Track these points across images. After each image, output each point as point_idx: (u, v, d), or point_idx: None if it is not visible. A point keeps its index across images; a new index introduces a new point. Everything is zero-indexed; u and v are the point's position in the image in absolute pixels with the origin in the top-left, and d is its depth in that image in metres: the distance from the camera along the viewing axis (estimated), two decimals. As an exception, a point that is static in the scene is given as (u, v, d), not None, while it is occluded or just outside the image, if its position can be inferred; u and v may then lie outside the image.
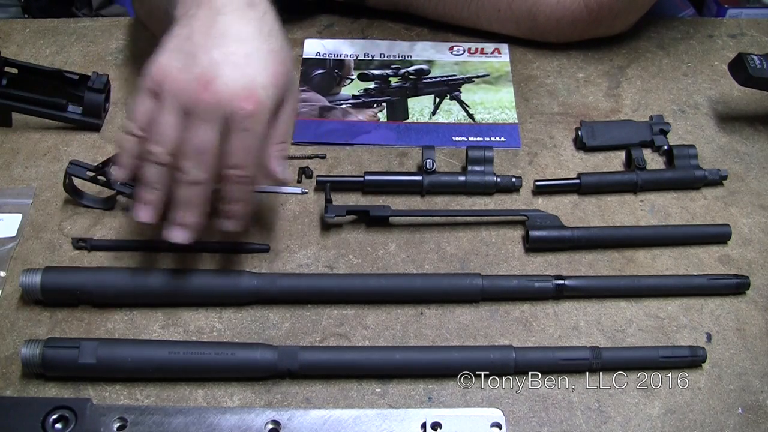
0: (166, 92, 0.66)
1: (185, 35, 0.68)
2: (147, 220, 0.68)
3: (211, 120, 0.66)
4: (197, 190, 0.67)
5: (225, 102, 0.65)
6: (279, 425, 0.66)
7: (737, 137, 0.92)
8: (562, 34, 0.99)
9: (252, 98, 0.66)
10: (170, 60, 0.67)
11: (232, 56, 0.67)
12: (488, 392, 0.70)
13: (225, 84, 0.65)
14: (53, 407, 0.65)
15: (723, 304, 0.77)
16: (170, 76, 0.66)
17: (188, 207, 0.68)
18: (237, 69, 0.66)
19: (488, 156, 0.85)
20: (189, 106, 0.66)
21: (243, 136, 0.66)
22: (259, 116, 0.67)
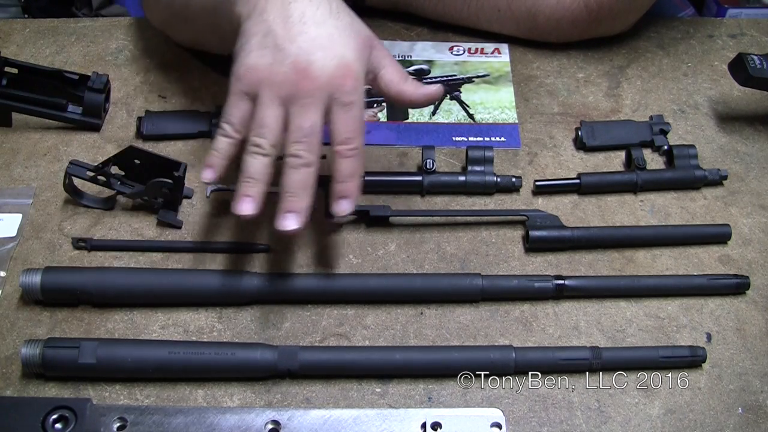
0: (264, 89, 0.68)
1: (263, 31, 0.69)
2: (251, 212, 0.68)
3: (315, 104, 0.68)
4: (310, 172, 0.69)
5: (325, 84, 0.68)
6: (279, 425, 0.66)
7: (737, 137, 0.92)
8: (562, 34, 0.99)
9: (349, 74, 0.69)
10: (259, 59, 0.69)
11: (317, 39, 0.69)
12: (488, 392, 0.70)
13: (321, 68, 0.68)
14: (53, 407, 0.65)
15: (723, 304, 0.77)
16: (264, 73, 0.68)
17: (302, 191, 0.69)
18: (326, 50, 0.69)
19: (488, 156, 0.85)
20: (290, 95, 0.68)
21: (347, 110, 0.69)
22: (358, 89, 0.70)
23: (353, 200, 0.70)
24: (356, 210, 0.80)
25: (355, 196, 0.70)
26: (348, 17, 0.73)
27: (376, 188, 0.84)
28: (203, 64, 0.95)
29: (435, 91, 0.78)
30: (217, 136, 0.71)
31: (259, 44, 0.69)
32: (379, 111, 0.93)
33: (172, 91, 0.93)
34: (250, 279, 0.75)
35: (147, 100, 0.92)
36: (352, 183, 0.70)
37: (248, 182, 0.69)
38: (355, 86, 0.70)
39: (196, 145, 0.88)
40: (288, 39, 0.69)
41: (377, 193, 0.84)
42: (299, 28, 0.69)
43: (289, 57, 0.68)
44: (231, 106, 0.70)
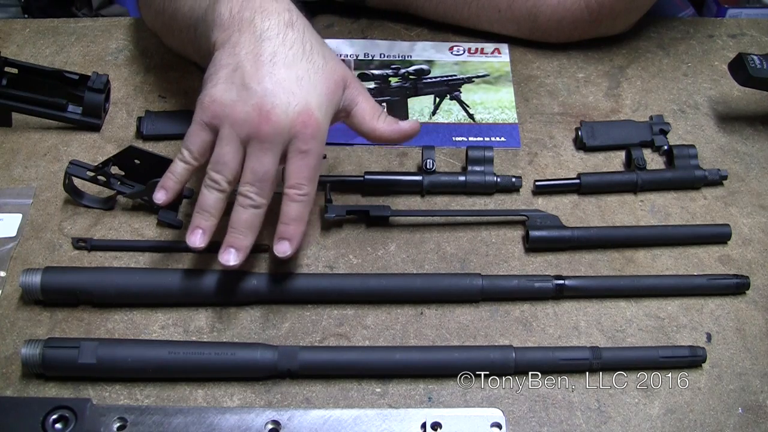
0: (225, 125, 0.69)
1: (233, 65, 0.70)
2: (201, 245, 0.70)
3: (272, 148, 0.69)
4: (257, 213, 0.70)
5: (285, 129, 0.69)
6: (279, 425, 0.66)
7: (737, 137, 0.92)
8: (563, 35, 0.99)
9: (310, 122, 0.69)
10: (224, 93, 0.69)
11: (284, 83, 0.69)
12: (488, 392, 0.70)
13: (283, 112, 0.68)
14: (53, 407, 0.65)
15: (723, 304, 0.77)
16: (227, 108, 0.69)
17: (246, 230, 0.70)
18: (291, 95, 0.69)
19: (488, 156, 0.85)
20: (250, 136, 0.69)
21: (303, 157, 0.70)
22: (317, 137, 0.70)
23: (295, 243, 0.71)
24: (356, 210, 0.81)
25: (297, 239, 0.71)
26: (321, 59, 0.72)
27: (376, 188, 0.84)
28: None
29: (409, 128, 0.78)
30: (176, 160, 0.72)
31: (226, 77, 0.70)
32: (379, 111, 0.93)
33: (172, 91, 0.94)
34: (250, 279, 0.75)
35: (147, 100, 0.92)
36: (295, 226, 0.71)
37: (202, 215, 0.71)
38: (314, 134, 0.69)
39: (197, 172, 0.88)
40: (255, 78, 0.69)
41: (377, 194, 0.84)
42: (268, 69, 0.69)
43: (254, 97, 0.68)
44: (192, 134, 0.71)
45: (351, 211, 0.81)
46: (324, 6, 1.04)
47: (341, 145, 0.89)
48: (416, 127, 0.78)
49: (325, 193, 0.81)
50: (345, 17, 1.04)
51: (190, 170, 0.72)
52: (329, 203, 0.80)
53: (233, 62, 0.70)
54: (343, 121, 0.77)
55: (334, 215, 0.79)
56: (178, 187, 0.72)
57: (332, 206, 0.80)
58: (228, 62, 0.70)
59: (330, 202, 0.80)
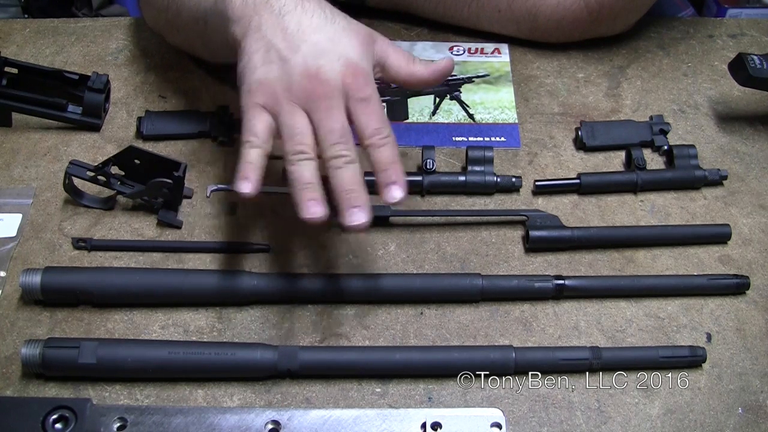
0: (281, 101, 0.69)
1: (265, 47, 0.70)
2: (322, 213, 0.67)
3: (336, 105, 0.69)
4: (356, 168, 0.69)
5: (338, 85, 0.70)
6: (279, 425, 0.66)
7: (737, 137, 0.92)
8: (563, 35, 0.99)
9: (358, 71, 0.70)
10: (267, 73, 0.70)
11: (319, 45, 0.70)
12: (488, 392, 0.70)
13: (330, 70, 0.69)
14: (53, 407, 0.65)
15: (723, 304, 0.77)
16: (277, 86, 0.69)
17: (357, 186, 0.69)
18: (330, 54, 0.70)
19: (488, 156, 0.85)
20: (309, 102, 0.69)
21: (366, 104, 0.70)
22: (370, 83, 0.71)
23: (402, 185, 0.69)
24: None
25: (402, 180, 0.70)
26: (343, 20, 0.73)
27: (376, 188, 0.84)
28: (203, 64, 0.95)
29: (444, 65, 0.79)
30: (246, 149, 0.69)
31: (263, 60, 0.70)
32: (379, 111, 0.93)
33: (172, 91, 0.93)
34: (250, 279, 0.75)
35: (147, 100, 0.92)
36: (394, 169, 0.70)
37: (306, 188, 0.68)
38: (367, 81, 0.71)
39: (196, 145, 0.88)
40: (291, 50, 0.70)
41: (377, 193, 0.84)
42: (300, 37, 0.70)
43: (297, 66, 0.69)
44: (251, 119, 0.69)
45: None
46: (324, 6, 1.04)
47: (341, 145, 0.89)
48: (450, 64, 0.79)
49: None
50: (345, 17, 1.04)
51: (263, 155, 0.69)
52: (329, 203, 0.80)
53: (263, 44, 0.70)
54: (379, 76, 0.76)
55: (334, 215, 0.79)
56: (260, 173, 0.68)
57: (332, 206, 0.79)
58: (258, 46, 0.70)
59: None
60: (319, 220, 0.67)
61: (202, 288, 0.74)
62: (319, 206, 0.67)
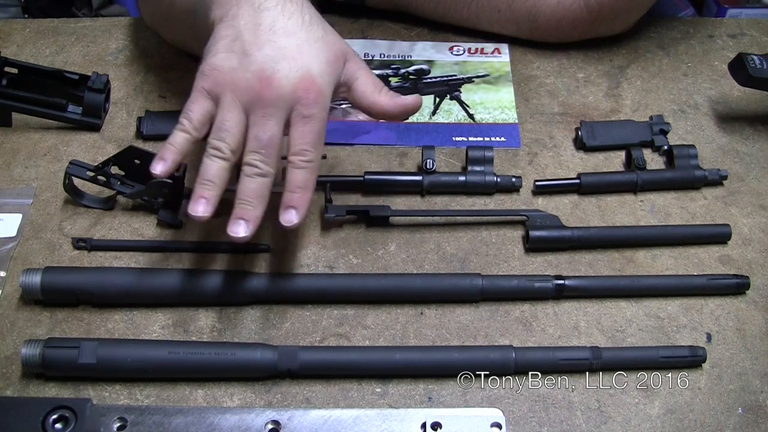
0: (227, 92, 0.68)
1: (233, 36, 0.70)
2: (205, 214, 0.67)
3: (275, 114, 0.68)
4: (264, 182, 0.69)
5: (287, 95, 0.68)
6: (279, 425, 0.66)
7: (737, 137, 0.92)
8: (563, 35, 0.99)
9: (312, 87, 0.69)
10: (224, 61, 0.69)
11: (285, 50, 0.69)
12: (488, 392, 0.70)
13: (285, 77, 0.68)
14: (53, 407, 0.65)
15: (723, 304, 0.77)
16: (228, 76, 0.68)
17: (255, 200, 0.69)
18: (292, 61, 0.69)
19: (488, 156, 0.85)
20: (252, 103, 0.68)
21: (306, 123, 0.69)
22: (320, 102, 0.69)
23: (302, 212, 0.69)
24: (356, 210, 0.81)
25: (304, 207, 0.70)
26: (320, 30, 0.72)
27: (376, 188, 0.84)
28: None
29: (411, 102, 0.77)
30: (175, 130, 0.70)
31: (226, 47, 0.69)
32: (379, 111, 0.93)
33: (172, 91, 0.93)
34: (250, 279, 0.75)
35: (147, 100, 0.92)
36: (301, 194, 0.70)
37: (205, 185, 0.68)
38: (317, 99, 0.69)
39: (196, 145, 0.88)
40: (255, 46, 0.69)
41: (377, 193, 0.84)
42: (268, 37, 0.69)
43: (254, 64, 0.68)
44: (192, 102, 0.70)
45: (351, 211, 0.81)
46: (324, 6, 1.04)
47: (341, 145, 0.89)
48: (418, 102, 0.78)
49: (325, 193, 0.81)
50: (345, 17, 1.04)
51: (190, 140, 0.70)
52: (329, 203, 0.80)
53: (232, 33, 0.70)
54: (344, 96, 0.76)
55: (334, 215, 0.79)
56: (177, 158, 0.70)
57: (332, 206, 0.80)
58: (227, 33, 0.70)
59: (330, 202, 0.80)
60: (200, 219, 0.68)
61: (202, 288, 0.74)
62: (205, 206, 0.67)
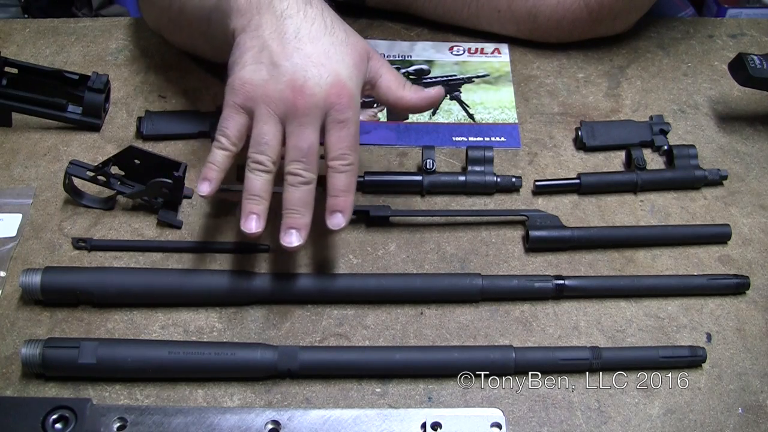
0: (261, 105, 0.69)
1: (259, 46, 0.70)
2: (258, 230, 0.69)
3: (311, 122, 0.69)
4: (309, 190, 0.70)
5: (321, 101, 0.69)
6: (279, 425, 0.66)
7: (737, 137, 0.92)
8: (563, 35, 0.99)
9: (344, 91, 0.69)
10: (254, 74, 0.69)
11: (312, 56, 0.70)
12: (488, 392, 0.70)
13: (316, 85, 0.69)
14: (53, 407, 0.65)
15: (723, 304, 0.77)
16: (260, 88, 0.69)
17: (303, 208, 0.70)
18: (321, 67, 0.69)
19: (488, 156, 0.85)
20: (287, 113, 0.69)
21: (342, 127, 0.70)
22: (353, 106, 0.70)
23: (347, 214, 0.71)
24: (356, 210, 0.81)
25: (349, 210, 0.71)
26: (343, 32, 0.73)
27: (376, 188, 0.84)
28: (203, 64, 0.95)
29: (435, 94, 0.78)
30: (214, 149, 0.71)
31: (254, 59, 0.70)
32: (379, 111, 0.93)
33: (172, 91, 0.93)
34: (251, 279, 0.75)
35: (147, 100, 0.92)
36: (345, 198, 0.70)
37: (253, 200, 0.69)
38: (350, 103, 0.70)
39: (196, 145, 0.88)
40: (284, 56, 0.69)
41: (377, 193, 0.84)
42: (294, 45, 0.70)
43: (285, 74, 0.69)
44: (226, 118, 0.70)
45: (351, 211, 0.81)
46: (324, 6, 1.04)
47: (341, 145, 0.89)
48: (441, 93, 0.79)
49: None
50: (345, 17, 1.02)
51: (229, 156, 0.71)
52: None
53: (258, 43, 0.70)
54: (369, 94, 0.77)
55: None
56: (220, 176, 0.71)
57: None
58: (253, 44, 0.70)
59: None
60: (253, 235, 0.69)
61: (202, 288, 0.74)
62: (256, 222, 0.69)
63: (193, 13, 0.82)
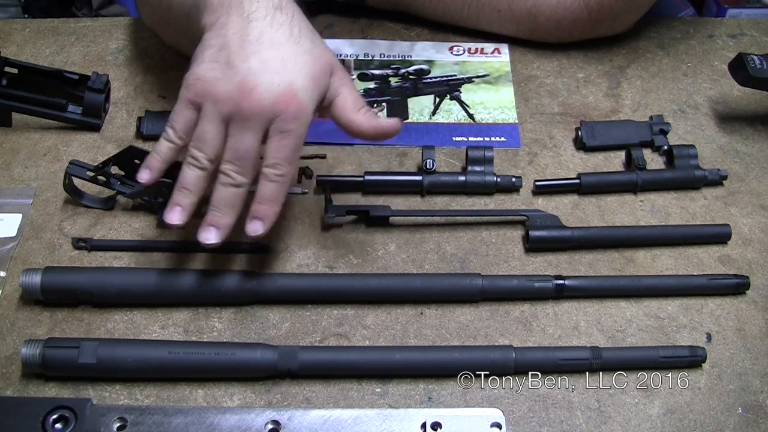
0: (208, 102, 0.69)
1: (219, 45, 0.70)
2: (179, 222, 0.70)
3: (254, 126, 0.68)
4: (237, 193, 0.70)
5: (267, 108, 0.68)
6: (279, 425, 0.66)
7: (737, 137, 0.92)
8: (563, 35, 0.99)
9: (293, 102, 0.68)
10: (208, 71, 0.69)
11: (269, 62, 0.69)
12: (488, 392, 0.70)
13: (266, 90, 0.68)
14: (53, 407, 0.65)
15: (723, 304, 0.77)
16: (210, 86, 0.69)
17: (226, 209, 0.70)
18: (275, 75, 0.68)
19: (488, 156, 0.85)
20: (231, 114, 0.68)
21: (283, 137, 0.69)
22: (300, 118, 0.69)
23: (267, 224, 0.70)
24: (356, 210, 0.81)
25: (270, 220, 0.70)
26: (309, 42, 0.72)
27: (376, 188, 0.84)
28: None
29: (388, 125, 0.75)
30: (161, 139, 0.72)
31: (212, 57, 0.69)
32: (379, 111, 0.93)
33: (172, 91, 0.92)
34: (251, 279, 0.75)
35: (147, 100, 0.92)
36: (269, 207, 0.70)
37: (181, 192, 0.70)
38: (297, 115, 0.69)
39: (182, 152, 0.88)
40: (240, 57, 0.69)
41: (377, 193, 0.84)
42: (254, 48, 0.69)
43: (237, 75, 0.68)
44: (176, 112, 0.71)
45: (351, 211, 0.81)
46: (324, 6, 1.04)
47: (341, 145, 0.89)
48: (397, 126, 0.75)
49: (325, 193, 0.81)
50: (345, 17, 1.04)
51: (174, 149, 0.71)
52: (329, 203, 0.80)
53: (219, 42, 0.70)
54: (325, 110, 0.75)
55: (334, 215, 0.79)
56: (162, 167, 0.72)
57: (332, 206, 0.80)
58: (214, 42, 0.70)
59: (330, 202, 0.80)
60: (176, 227, 0.70)
61: (203, 288, 0.74)
62: (180, 214, 0.70)
63: (178, 10, 0.82)
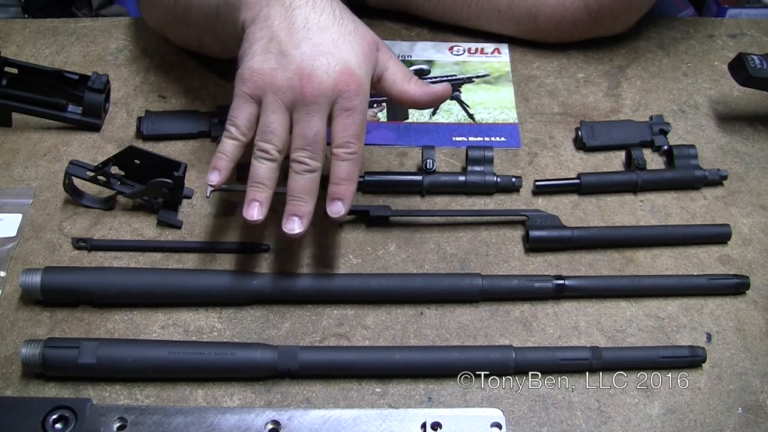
0: (269, 93, 0.69)
1: (268, 36, 0.70)
2: (259, 217, 0.70)
3: (318, 110, 0.69)
4: (313, 178, 0.70)
5: (329, 89, 0.69)
6: (279, 425, 0.66)
7: (737, 137, 0.92)
8: (563, 35, 0.99)
9: (352, 79, 0.70)
10: (263, 63, 0.70)
11: (321, 46, 0.70)
12: (488, 392, 0.70)
13: (324, 72, 0.69)
14: (53, 407, 0.65)
15: (723, 304, 0.77)
16: (269, 77, 0.69)
17: (306, 196, 0.70)
18: (330, 56, 0.70)
19: (488, 156, 0.85)
20: (294, 101, 0.69)
21: (349, 115, 0.70)
22: (361, 94, 0.70)
23: (347, 203, 0.71)
24: (356, 210, 0.81)
25: (349, 198, 0.71)
26: (351, 23, 0.73)
27: (376, 188, 0.84)
28: (203, 64, 0.95)
29: (440, 90, 0.78)
30: (223, 138, 0.71)
31: (263, 49, 0.70)
32: (379, 111, 0.93)
33: (172, 91, 0.93)
34: (251, 279, 0.75)
35: (147, 100, 0.92)
36: (347, 186, 0.71)
37: (256, 187, 0.70)
38: (358, 91, 0.70)
39: (196, 145, 0.88)
40: (292, 45, 0.69)
41: (377, 193, 0.84)
42: (303, 34, 0.70)
43: (293, 63, 0.69)
44: (236, 108, 0.71)
45: (351, 211, 0.80)
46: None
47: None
48: (448, 89, 0.79)
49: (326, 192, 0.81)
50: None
51: (239, 146, 0.71)
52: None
53: (267, 34, 0.70)
54: (374, 87, 0.76)
55: (334, 215, 0.79)
56: (230, 166, 0.71)
57: (332, 206, 0.80)
58: (262, 35, 0.71)
59: (330, 202, 0.80)
60: (255, 222, 0.69)
61: (202, 288, 0.74)
62: (258, 209, 0.69)
63: (200, 9, 0.82)
